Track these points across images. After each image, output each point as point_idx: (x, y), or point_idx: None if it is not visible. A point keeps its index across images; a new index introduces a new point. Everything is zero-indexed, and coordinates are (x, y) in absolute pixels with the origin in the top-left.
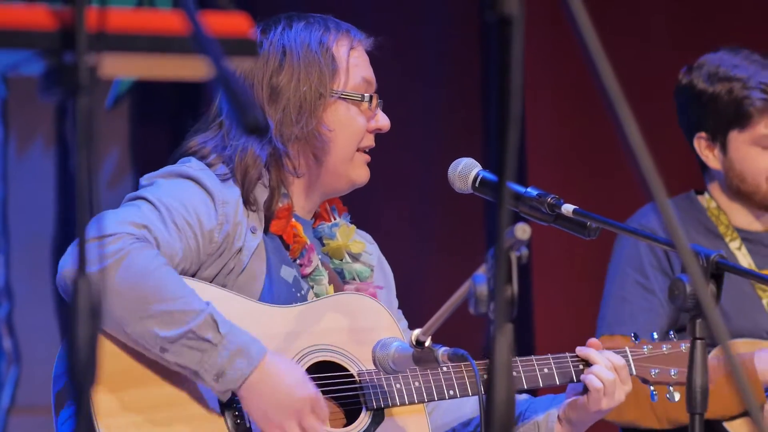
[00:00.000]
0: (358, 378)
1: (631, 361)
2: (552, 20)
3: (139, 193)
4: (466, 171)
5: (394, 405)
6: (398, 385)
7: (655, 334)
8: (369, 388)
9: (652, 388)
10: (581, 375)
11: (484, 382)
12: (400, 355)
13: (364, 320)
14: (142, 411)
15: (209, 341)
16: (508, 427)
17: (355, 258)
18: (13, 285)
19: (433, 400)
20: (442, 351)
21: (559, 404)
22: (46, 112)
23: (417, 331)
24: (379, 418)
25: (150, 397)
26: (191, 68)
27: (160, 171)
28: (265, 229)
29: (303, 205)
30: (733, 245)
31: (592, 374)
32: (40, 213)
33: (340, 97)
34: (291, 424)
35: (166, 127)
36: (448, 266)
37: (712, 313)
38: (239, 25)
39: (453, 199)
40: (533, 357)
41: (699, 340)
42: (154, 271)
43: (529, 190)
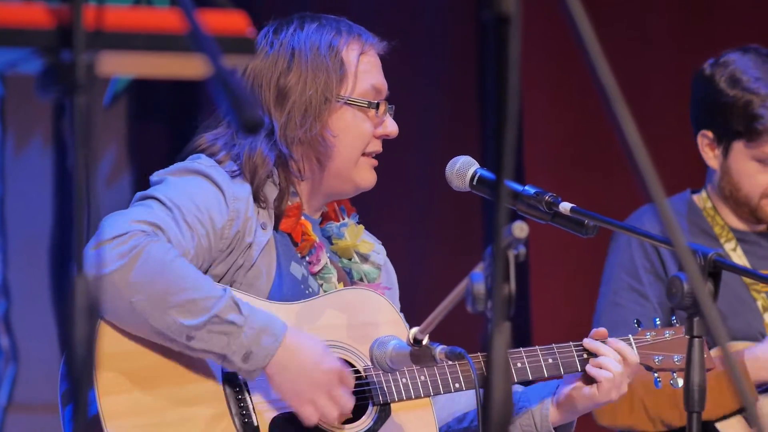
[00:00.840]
0: (364, 373)
1: (635, 348)
2: (549, 18)
3: (149, 192)
4: (463, 169)
5: (401, 399)
6: (404, 380)
7: (658, 320)
8: (375, 384)
9: (656, 374)
10: (587, 366)
11: (482, 380)
12: (398, 353)
13: (369, 315)
14: (151, 412)
15: (234, 323)
16: (506, 425)
17: (364, 258)
18: (11, 283)
19: (439, 393)
20: (440, 349)
21: (553, 391)
22: (44, 110)
23: (414, 330)
24: (385, 413)
25: (158, 399)
26: (189, 66)
27: (170, 168)
28: (275, 226)
29: (311, 205)
30: (729, 246)
31: (601, 365)
32: (37, 211)
33: (347, 103)
34: (322, 397)
35: (164, 126)
36: (446, 264)
37: (710, 311)
38: (237, 23)
39: (450, 198)
40: (537, 347)
41: (696, 339)
42: (170, 263)
43: (527, 188)
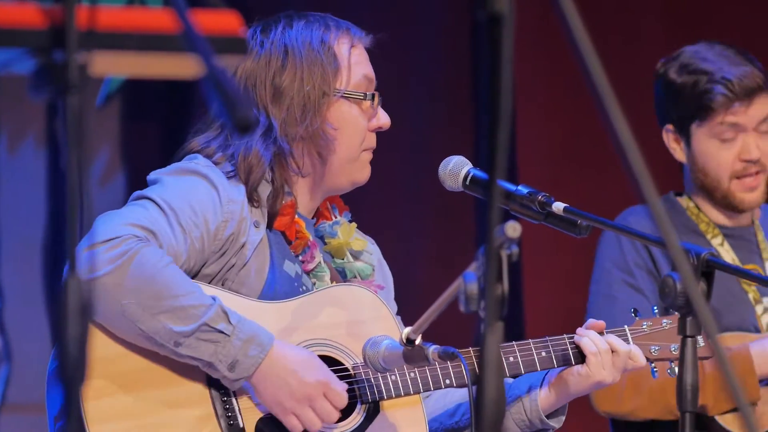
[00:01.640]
0: (353, 372)
1: (631, 339)
2: (542, 18)
3: (145, 192)
4: (456, 169)
5: (390, 397)
6: (393, 377)
7: (656, 308)
8: (364, 382)
9: (653, 365)
10: (575, 337)
11: (474, 378)
12: (391, 353)
13: (359, 313)
14: (136, 415)
15: (222, 332)
16: (498, 425)
17: (357, 256)
18: (4, 283)
19: (429, 390)
20: (433, 349)
21: (542, 376)
22: (37, 110)
23: (407, 329)
24: (374, 411)
25: (144, 401)
26: (182, 66)
27: (168, 168)
28: (268, 225)
29: (306, 204)
30: (716, 242)
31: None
32: (31, 212)
33: (343, 96)
34: (305, 409)
35: (157, 126)
36: (439, 264)
37: (703, 311)
38: (229, 23)
39: (444, 197)
40: (530, 341)
41: (689, 338)
42: (163, 269)
43: (520, 188)
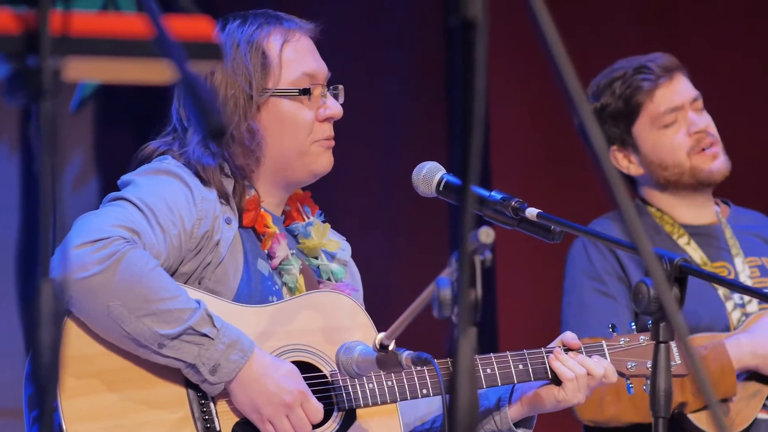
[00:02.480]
0: (330, 378)
1: (608, 354)
2: (517, 23)
3: (120, 193)
4: (430, 175)
5: (367, 405)
6: (371, 385)
7: (633, 324)
8: (341, 389)
9: (629, 381)
10: (550, 360)
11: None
12: (364, 358)
13: (338, 319)
14: (113, 416)
15: (207, 336)
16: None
17: (332, 257)
18: None
19: (406, 399)
20: (406, 354)
21: (510, 387)
22: (10, 116)
23: (381, 335)
24: (350, 418)
25: (121, 402)
26: (155, 72)
27: (139, 169)
28: (239, 223)
29: (270, 200)
30: (682, 241)
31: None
32: (4, 216)
33: (274, 95)
34: (280, 417)
35: (131, 131)
36: (413, 268)
37: (675, 317)
38: (203, 28)
39: (418, 201)
40: (508, 353)
41: (662, 344)
42: (150, 273)
43: (493, 193)
